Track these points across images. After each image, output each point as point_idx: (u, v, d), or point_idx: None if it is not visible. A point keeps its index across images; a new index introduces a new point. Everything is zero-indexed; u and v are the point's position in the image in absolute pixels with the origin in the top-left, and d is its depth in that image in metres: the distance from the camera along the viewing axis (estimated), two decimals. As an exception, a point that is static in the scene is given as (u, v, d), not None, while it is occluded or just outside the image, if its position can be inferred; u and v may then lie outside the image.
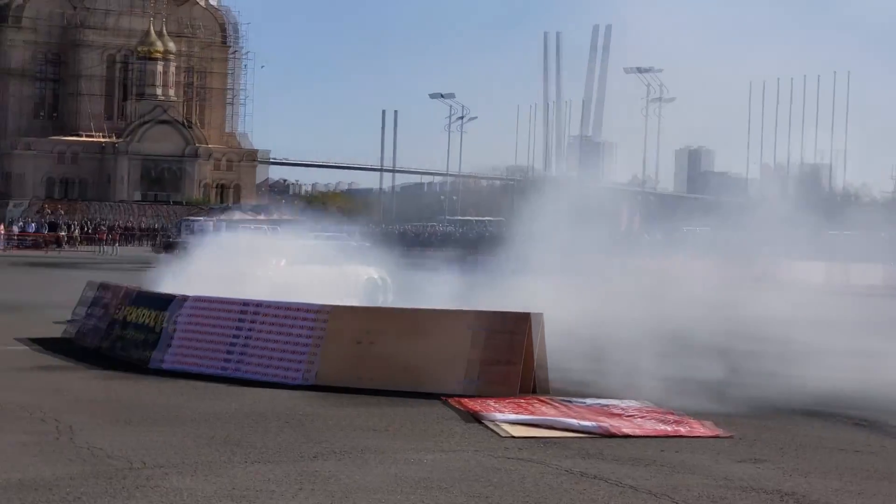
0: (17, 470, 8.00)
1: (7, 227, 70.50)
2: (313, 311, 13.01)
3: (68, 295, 17.86)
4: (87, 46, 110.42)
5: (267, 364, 12.85)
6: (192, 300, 14.23)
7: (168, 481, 7.79)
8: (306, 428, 9.93)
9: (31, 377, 12.81)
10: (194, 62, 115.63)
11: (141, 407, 10.94)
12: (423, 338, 12.46)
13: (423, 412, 10.89)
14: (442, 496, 7.57)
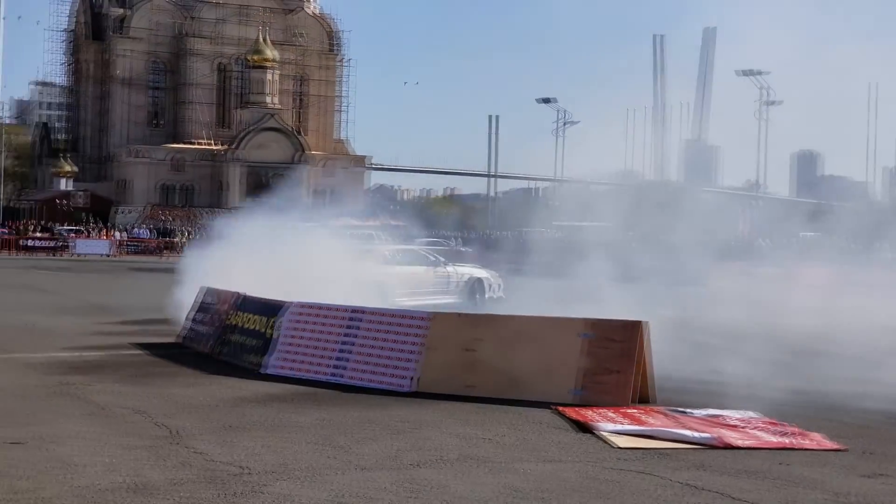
0: (129, 474, 8.07)
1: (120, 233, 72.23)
2: (419, 318, 12.93)
3: (183, 299, 18.06)
4: (196, 55, 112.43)
5: (373, 371, 12.80)
6: (296, 306, 14.28)
7: (275, 487, 7.76)
8: (413, 436, 9.83)
9: (142, 382, 12.94)
10: (301, 70, 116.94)
11: (249, 412, 10.97)
12: (530, 345, 12.28)
13: (532, 421, 10.71)
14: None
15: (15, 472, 8.04)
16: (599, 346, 11.95)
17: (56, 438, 9.35)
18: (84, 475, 8.02)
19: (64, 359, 15.02)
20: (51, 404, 11.19)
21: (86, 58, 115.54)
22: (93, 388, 12.27)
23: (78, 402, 11.35)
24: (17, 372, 13.60)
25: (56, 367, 14.12)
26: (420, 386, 12.34)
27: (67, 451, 8.82)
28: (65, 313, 21.84)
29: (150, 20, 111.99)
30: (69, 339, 17.41)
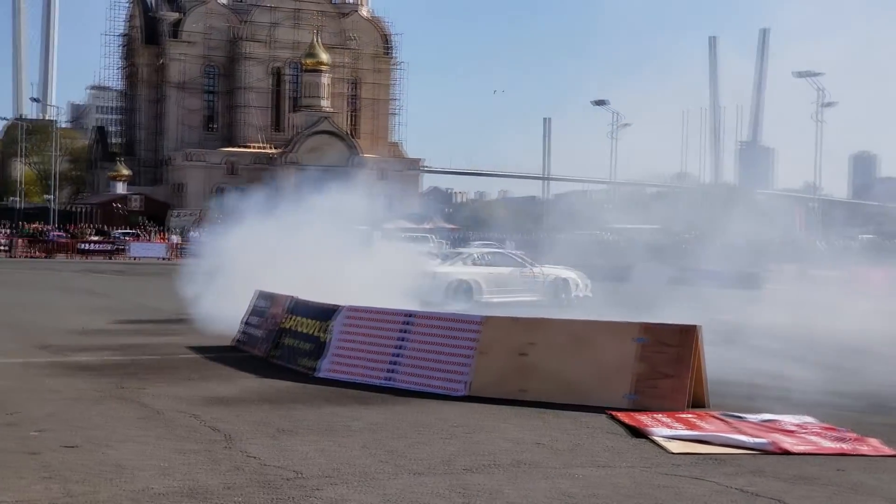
0: (182, 478, 8.09)
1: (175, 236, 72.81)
2: (473, 322, 12.87)
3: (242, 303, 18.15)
4: (251, 59, 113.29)
5: (425, 375, 12.75)
6: (348, 309, 14.28)
7: (327, 492, 7.75)
8: (466, 440, 9.78)
9: (196, 385, 13.00)
10: (354, 73, 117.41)
11: (301, 416, 10.97)
12: (585, 350, 12.18)
13: (586, 426, 10.62)
14: (607, 515, 7.34)
15: (69, 476, 8.09)
16: (654, 350, 11.83)
17: (110, 442, 9.40)
18: (138, 479, 8.05)
19: (118, 362, 15.13)
20: (105, 408, 11.26)
21: (140, 62, 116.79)
22: (147, 392, 12.34)
23: (132, 406, 11.41)
24: (71, 375, 13.71)
25: (110, 370, 14.23)
26: (473, 390, 12.27)
27: (121, 455, 8.86)
28: (120, 316, 22.03)
29: (204, 24, 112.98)
30: (124, 343, 17.56)
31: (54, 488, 7.73)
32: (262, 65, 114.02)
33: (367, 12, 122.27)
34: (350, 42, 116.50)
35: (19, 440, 9.42)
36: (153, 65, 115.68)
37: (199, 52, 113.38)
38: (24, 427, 10.06)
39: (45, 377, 13.51)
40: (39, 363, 15.01)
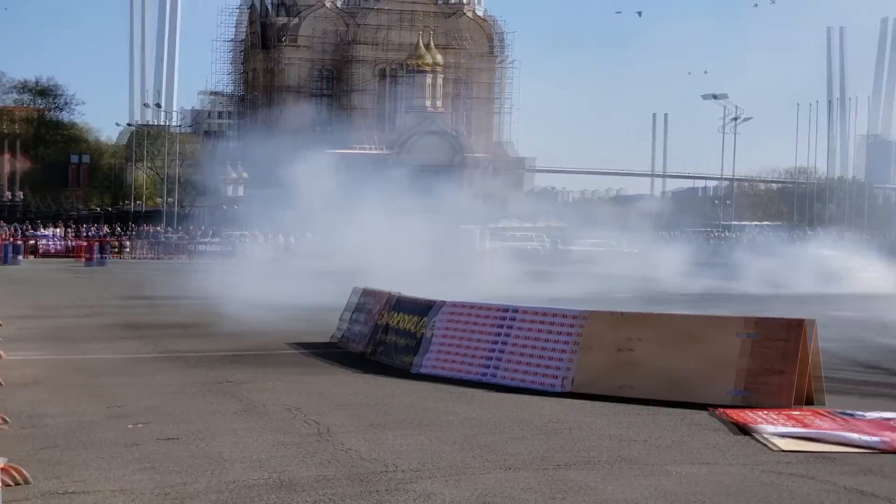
0: (276, 470, 8.09)
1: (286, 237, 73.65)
2: (574, 317, 12.65)
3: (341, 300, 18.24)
4: (361, 62, 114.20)
5: (525, 371, 12.59)
6: (448, 305, 14.18)
7: (419, 485, 7.66)
8: (564, 436, 9.60)
9: (296, 381, 13.06)
10: (463, 72, 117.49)
11: (398, 411, 10.93)
12: (688, 345, 11.88)
13: (689, 423, 10.36)
14: (706, 512, 7.11)
15: (167, 467, 8.15)
16: (762, 345, 11.48)
17: (209, 434, 9.46)
18: (232, 470, 8.07)
19: (222, 357, 15.29)
20: (206, 401, 11.36)
21: (253, 67, 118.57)
22: (247, 386, 12.43)
23: (232, 400, 11.49)
24: (176, 370, 13.90)
25: (214, 365, 14.39)
26: (574, 386, 12.07)
27: (219, 447, 8.91)
28: (226, 313, 22.26)
29: (315, 28, 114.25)
30: (227, 339, 17.76)
31: (151, 479, 7.80)
32: (372, 67, 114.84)
33: (477, 12, 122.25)
34: (458, 42, 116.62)
35: (121, 432, 9.55)
36: (266, 69, 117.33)
37: (311, 55, 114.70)
38: (127, 419, 10.20)
39: (152, 372, 13.73)
40: (147, 358, 15.29)
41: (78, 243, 68.12)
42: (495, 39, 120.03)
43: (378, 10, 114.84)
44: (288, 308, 22.92)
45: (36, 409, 10.69)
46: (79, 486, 7.56)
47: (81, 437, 9.30)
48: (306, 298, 24.50)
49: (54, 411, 10.57)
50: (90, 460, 8.34)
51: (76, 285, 36.31)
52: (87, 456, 8.50)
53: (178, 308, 23.96)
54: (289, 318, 20.98)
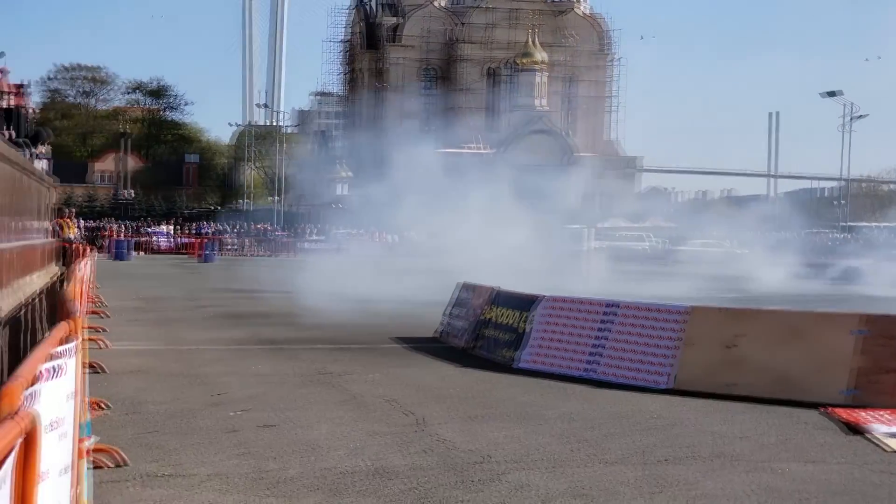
0: (371, 458, 8.06)
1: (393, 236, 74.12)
2: (678, 313, 12.39)
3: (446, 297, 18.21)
4: (467, 61, 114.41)
5: (627, 367, 12.36)
6: (548, 300, 14.02)
7: (514, 476, 7.56)
8: (665, 433, 9.38)
9: (396, 373, 13.03)
10: (570, 71, 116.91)
11: (495, 404, 10.82)
12: (798, 342, 11.52)
13: (796, 422, 10.05)
14: (812, 510, 6.87)
15: (264, 454, 8.17)
16: (876, 343, 11.08)
17: (307, 423, 9.47)
18: (328, 458, 8.06)
19: (324, 349, 15.37)
20: (306, 392, 11.40)
21: (360, 67, 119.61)
22: (348, 378, 12.44)
23: (332, 391, 11.51)
24: (277, 361, 14.00)
25: (316, 357, 14.45)
26: (677, 383, 11.81)
27: (316, 435, 8.91)
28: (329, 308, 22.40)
29: (422, 28, 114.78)
30: (330, 332, 17.83)
31: (247, 464, 7.82)
32: (479, 66, 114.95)
33: (585, 9, 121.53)
34: (566, 40, 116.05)
35: (220, 419, 9.62)
36: (372, 69, 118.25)
37: (417, 55, 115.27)
38: (228, 407, 10.28)
39: (254, 362, 13.85)
40: (251, 349, 15.44)
41: (188, 240, 69.52)
42: (604, 37, 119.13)
43: (484, 9, 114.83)
44: (392, 304, 23.01)
45: (139, 395, 10.84)
46: (175, 469, 7.62)
47: (181, 423, 9.40)
48: (411, 295, 24.56)
49: (156, 398, 10.71)
50: (188, 445, 8.41)
51: (184, 279, 37.04)
52: (186, 441, 8.57)
53: (282, 302, 24.16)
54: (392, 314, 21.05)
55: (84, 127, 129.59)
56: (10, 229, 11.86)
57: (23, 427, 2.69)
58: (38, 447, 2.85)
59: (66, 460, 4.29)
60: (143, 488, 7.08)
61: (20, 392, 2.98)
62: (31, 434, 2.80)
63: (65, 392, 4.07)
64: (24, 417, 2.73)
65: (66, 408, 4.08)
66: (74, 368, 4.59)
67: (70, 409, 4.34)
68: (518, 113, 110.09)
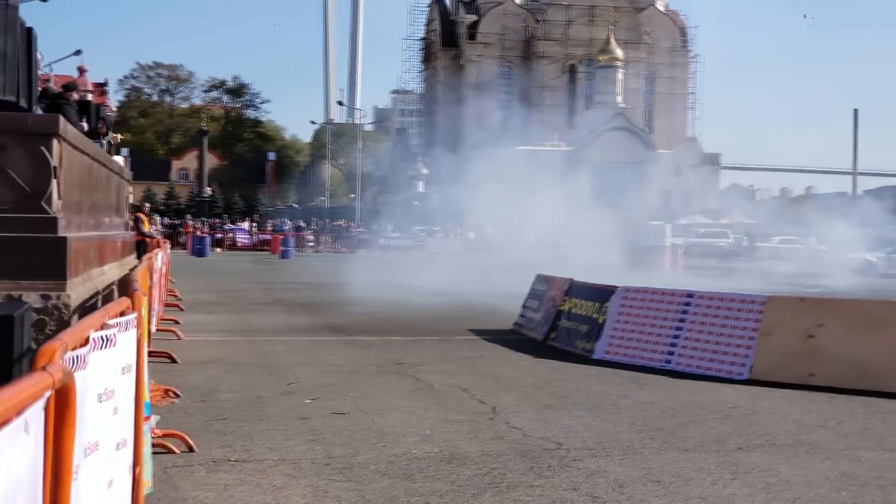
0: (442, 445, 8.01)
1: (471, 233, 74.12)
2: (756, 302, 12.14)
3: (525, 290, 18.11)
4: (545, 58, 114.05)
5: (704, 357, 12.15)
6: (625, 290, 13.86)
7: (587, 463, 7.45)
8: (743, 421, 9.19)
9: (471, 364, 12.96)
10: (649, 67, 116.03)
11: (569, 393, 10.71)
12: (878, 332, 11.23)
13: (878, 411, 9.81)
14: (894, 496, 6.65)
15: (334, 440, 8.15)
16: (959, 333, 10.77)
17: (379, 411, 9.43)
18: (399, 444, 8.01)
19: (399, 341, 15.35)
20: (380, 381, 11.37)
21: (439, 65, 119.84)
22: (422, 368, 12.39)
23: (406, 380, 11.47)
24: (354, 352, 13.99)
25: (392, 348, 14.44)
26: (755, 374, 11.59)
27: (387, 423, 8.87)
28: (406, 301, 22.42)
29: (499, 25, 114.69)
30: (407, 324, 17.83)
31: (317, 449, 7.80)
32: (557, 63, 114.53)
33: (663, 6, 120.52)
34: (645, 37, 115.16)
35: (291, 407, 9.62)
36: (450, 67, 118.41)
37: (495, 52, 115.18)
38: (301, 395, 10.28)
39: (329, 353, 13.86)
40: (326, 340, 15.47)
41: (266, 237, 70.18)
42: (683, 34, 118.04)
43: (562, 6, 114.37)
44: (470, 297, 22.98)
45: (210, 384, 10.89)
46: (244, 454, 7.61)
47: (252, 411, 9.40)
48: (488, 288, 24.51)
49: (228, 387, 10.74)
50: (258, 432, 8.41)
51: (261, 274, 37.40)
52: (256, 428, 8.57)
53: (359, 295, 24.21)
54: (470, 307, 21.02)
55: (164, 125, 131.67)
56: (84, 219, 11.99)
57: (54, 380, 2.64)
58: (73, 406, 2.81)
59: (122, 436, 4.27)
60: (210, 473, 7.08)
61: (58, 351, 2.94)
62: (65, 390, 2.76)
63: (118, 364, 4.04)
64: (56, 371, 2.68)
65: (121, 381, 4.06)
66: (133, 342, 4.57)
67: (127, 383, 4.32)
68: (597, 110, 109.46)
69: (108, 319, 4.17)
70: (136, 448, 4.82)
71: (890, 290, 27.20)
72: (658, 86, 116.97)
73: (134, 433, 4.75)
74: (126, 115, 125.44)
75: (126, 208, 22.17)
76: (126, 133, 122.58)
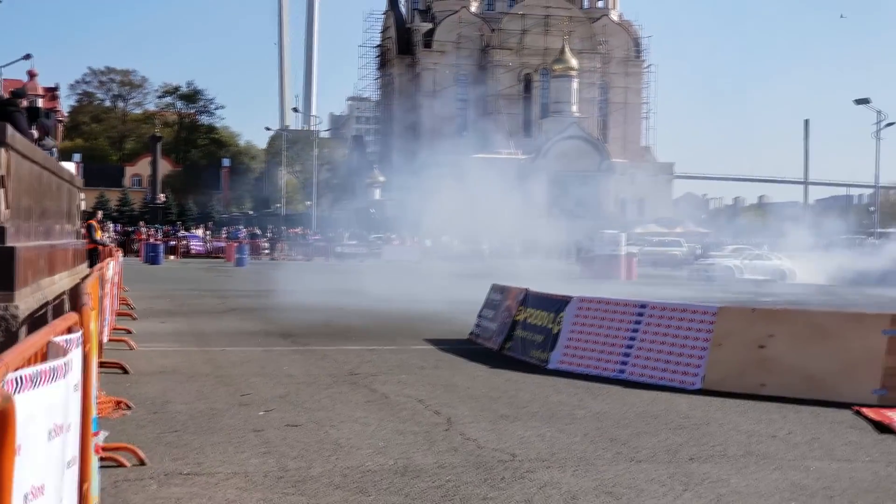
0: (397, 457, 8.01)
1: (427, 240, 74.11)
2: (707, 313, 12.27)
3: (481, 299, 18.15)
4: (501, 67, 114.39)
5: (660, 367, 12.25)
6: (579, 300, 13.93)
7: (541, 474, 7.48)
8: (695, 432, 9.28)
9: (426, 374, 12.97)
10: (603, 77, 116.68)
11: (525, 404, 10.74)
12: (828, 343, 11.37)
13: (827, 421, 9.92)
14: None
15: (288, 452, 8.13)
16: (907, 343, 10.92)
17: (333, 423, 9.42)
18: (353, 456, 8.00)
19: (354, 350, 15.32)
20: (334, 391, 11.35)
21: (394, 72, 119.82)
22: (378, 378, 12.39)
23: (361, 391, 11.45)
24: (309, 362, 13.95)
25: (345, 358, 14.41)
26: (707, 384, 11.70)
27: (342, 435, 8.86)
28: (362, 310, 22.40)
29: (455, 33, 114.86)
30: (363, 333, 17.82)
31: (270, 462, 7.78)
32: (512, 72, 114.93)
33: (617, 16, 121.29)
34: (599, 47, 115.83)
35: (247, 419, 9.58)
36: (406, 74, 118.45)
37: (451, 61, 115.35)
38: (254, 407, 10.24)
39: (284, 363, 13.81)
40: (281, 350, 15.40)
41: (221, 244, 69.80)
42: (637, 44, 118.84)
43: (517, 15, 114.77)
44: (425, 305, 22.99)
45: (163, 396, 10.82)
46: (196, 467, 7.57)
47: (205, 423, 9.36)
48: (444, 297, 24.54)
49: (181, 399, 10.68)
50: (211, 444, 8.37)
51: (215, 282, 37.16)
52: (209, 440, 8.53)
53: (315, 303, 24.17)
54: (425, 316, 21.01)
55: (117, 131, 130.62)
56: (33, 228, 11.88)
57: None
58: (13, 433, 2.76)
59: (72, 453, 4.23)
60: (161, 486, 7.03)
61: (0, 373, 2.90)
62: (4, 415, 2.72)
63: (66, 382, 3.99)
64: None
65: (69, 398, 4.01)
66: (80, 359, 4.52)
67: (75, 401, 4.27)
68: (552, 119, 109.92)
69: (53, 337, 4.12)
70: (83, 465, 4.78)
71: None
72: (612, 95, 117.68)
73: (81, 450, 4.71)
74: (78, 121, 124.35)
75: (78, 216, 21.97)
76: (78, 139, 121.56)
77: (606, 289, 24.10)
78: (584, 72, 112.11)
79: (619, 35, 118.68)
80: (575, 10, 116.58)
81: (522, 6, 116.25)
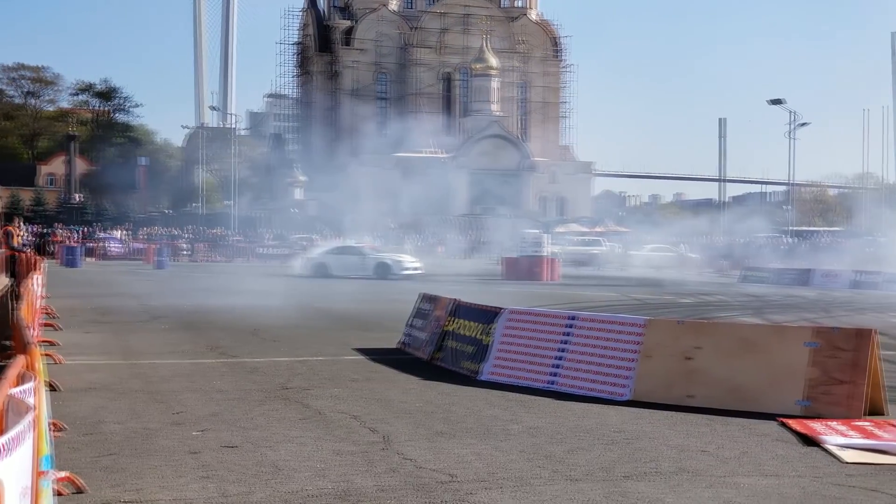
0: (337, 480, 8.05)
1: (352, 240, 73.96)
2: (635, 325, 12.51)
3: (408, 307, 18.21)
4: (421, 65, 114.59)
5: (590, 379, 12.45)
6: (510, 312, 14.10)
7: (481, 496, 7.59)
8: (628, 447, 9.46)
9: (359, 387, 13.01)
10: (523, 76, 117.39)
11: (460, 419, 10.84)
12: (754, 355, 11.67)
13: (754, 434, 10.18)
14: (773, 527, 6.95)
15: (227, 476, 8.13)
16: (827, 355, 11.26)
17: (270, 443, 9.43)
18: (293, 480, 8.03)
19: (285, 363, 15.29)
20: (268, 408, 11.35)
21: (314, 70, 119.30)
22: (310, 393, 12.41)
23: (295, 407, 11.47)
24: (240, 376, 13.91)
25: (277, 371, 14.39)
26: (637, 395, 11.93)
27: (279, 456, 8.87)
28: (290, 319, 22.36)
29: (375, 31, 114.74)
30: (292, 344, 17.78)
31: (210, 488, 7.77)
32: (433, 70, 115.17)
33: (536, 16, 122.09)
34: (519, 46, 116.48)
35: (181, 439, 9.54)
36: (326, 72, 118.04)
37: (371, 59, 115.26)
38: (188, 426, 10.21)
39: (214, 377, 13.74)
40: (209, 364, 15.30)
41: (140, 245, 68.92)
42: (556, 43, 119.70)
43: (437, 14, 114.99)
44: (353, 311, 23.00)
45: (96, 415, 10.73)
46: (136, 494, 7.54)
47: (141, 444, 9.30)
48: (373, 301, 24.56)
49: (114, 418, 10.60)
50: (149, 468, 8.33)
51: (137, 287, 36.64)
52: (147, 464, 8.49)
53: (241, 311, 24.05)
54: (354, 323, 21.01)
55: (29, 128, 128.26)
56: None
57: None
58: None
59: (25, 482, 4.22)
60: (105, 516, 7.01)
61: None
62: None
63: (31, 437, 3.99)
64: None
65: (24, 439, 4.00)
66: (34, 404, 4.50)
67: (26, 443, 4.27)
68: (473, 118, 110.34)
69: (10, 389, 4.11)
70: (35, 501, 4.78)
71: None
72: (532, 95, 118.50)
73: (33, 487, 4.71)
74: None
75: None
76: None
77: (529, 291, 24.34)
78: (504, 71, 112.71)
79: (538, 35, 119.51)
80: (494, 9, 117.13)
81: (442, 4, 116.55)
